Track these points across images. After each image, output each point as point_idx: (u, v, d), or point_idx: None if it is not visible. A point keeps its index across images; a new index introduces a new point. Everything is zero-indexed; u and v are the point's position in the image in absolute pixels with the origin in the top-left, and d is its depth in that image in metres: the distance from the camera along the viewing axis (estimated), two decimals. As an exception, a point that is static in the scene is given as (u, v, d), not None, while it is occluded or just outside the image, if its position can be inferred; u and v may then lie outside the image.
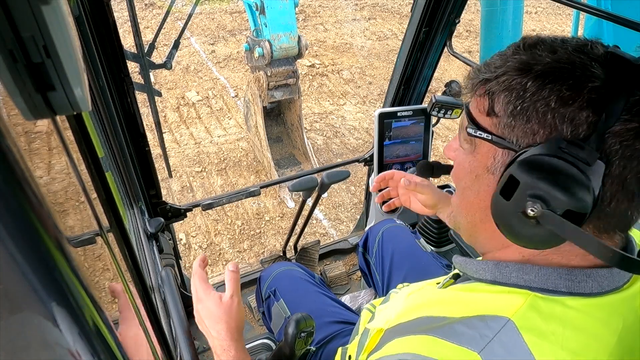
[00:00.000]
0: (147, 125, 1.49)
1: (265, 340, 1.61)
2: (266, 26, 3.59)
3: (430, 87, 1.83)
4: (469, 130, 0.59)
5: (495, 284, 0.59)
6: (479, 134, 0.57)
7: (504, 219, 0.54)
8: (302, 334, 0.92)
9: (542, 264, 0.56)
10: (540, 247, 0.55)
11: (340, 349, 0.98)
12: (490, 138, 0.56)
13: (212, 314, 0.86)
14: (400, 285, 1.02)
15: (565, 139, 0.50)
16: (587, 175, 0.48)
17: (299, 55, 3.83)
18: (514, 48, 0.57)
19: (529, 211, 0.50)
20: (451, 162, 0.71)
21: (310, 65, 6.27)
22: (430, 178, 1.21)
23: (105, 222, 0.40)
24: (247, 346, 1.58)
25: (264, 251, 3.39)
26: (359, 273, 2.11)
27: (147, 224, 1.43)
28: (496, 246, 0.62)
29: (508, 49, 0.58)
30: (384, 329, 0.69)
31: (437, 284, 0.77)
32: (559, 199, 0.48)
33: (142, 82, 2.81)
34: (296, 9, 3.77)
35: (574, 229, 0.49)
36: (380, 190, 1.23)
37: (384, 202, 1.18)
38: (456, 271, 0.74)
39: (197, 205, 1.71)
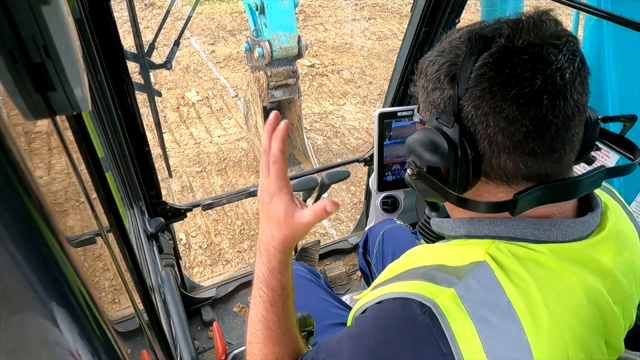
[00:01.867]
0: (147, 125, 1.49)
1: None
2: (266, 26, 3.59)
3: (430, 87, 1.83)
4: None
5: (469, 238, 0.63)
6: (415, 118, 0.68)
7: (406, 179, 0.65)
8: (303, 333, 0.91)
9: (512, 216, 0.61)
10: (431, 198, 0.65)
11: None
12: (418, 120, 0.66)
13: (276, 218, 0.73)
14: None
15: (441, 111, 0.59)
16: (448, 135, 0.57)
17: (299, 55, 3.83)
18: None
19: (408, 171, 0.64)
20: None
21: (310, 65, 6.27)
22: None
23: (105, 222, 0.40)
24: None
25: (264, 251, 3.39)
26: (359, 273, 2.11)
27: (147, 224, 1.43)
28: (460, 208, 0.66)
29: None
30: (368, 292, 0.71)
31: None
32: (422, 158, 0.60)
33: (142, 82, 2.81)
34: (296, 9, 3.76)
35: (431, 181, 0.60)
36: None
37: (384, 203, 1.17)
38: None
39: (197, 205, 1.71)
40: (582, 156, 0.62)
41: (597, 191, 0.66)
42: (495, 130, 0.54)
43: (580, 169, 0.91)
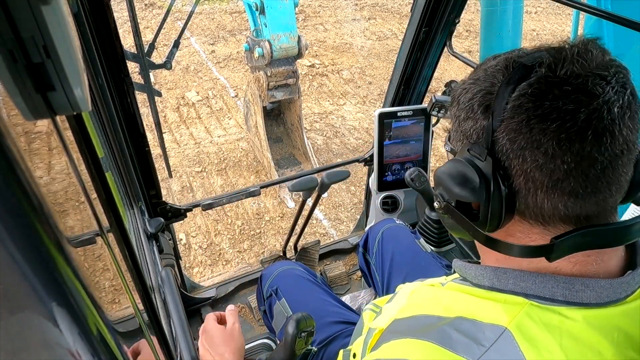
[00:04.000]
0: (147, 125, 1.49)
1: (265, 340, 1.61)
2: (266, 26, 3.59)
3: (430, 87, 1.83)
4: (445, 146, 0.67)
5: (492, 290, 0.58)
6: (446, 147, 0.65)
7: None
8: (303, 334, 0.92)
9: (541, 271, 0.56)
10: (460, 235, 0.62)
11: (341, 352, 0.98)
12: (449, 149, 0.63)
13: (216, 340, 0.98)
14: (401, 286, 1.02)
15: (473, 142, 0.56)
16: (480, 169, 0.53)
17: (299, 55, 3.82)
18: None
19: (435, 204, 0.61)
20: None
21: (310, 65, 6.27)
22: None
23: (105, 222, 0.40)
24: (247, 346, 1.58)
25: (264, 251, 3.39)
26: (359, 273, 2.10)
27: (147, 224, 1.43)
28: (488, 252, 0.63)
29: None
30: (384, 328, 0.69)
31: (442, 284, 0.77)
32: (451, 192, 0.56)
33: (142, 82, 2.81)
34: (296, 9, 3.76)
35: (459, 216, 0.57)
36: None
37: (384, 203, 1.17)
38: None
39: (197, 205, 1.71)
40: (630, 196, 0.55)
41: None
42: (532, 166, 0.51)
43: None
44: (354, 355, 0.89)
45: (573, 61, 0.50)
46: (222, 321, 1.05)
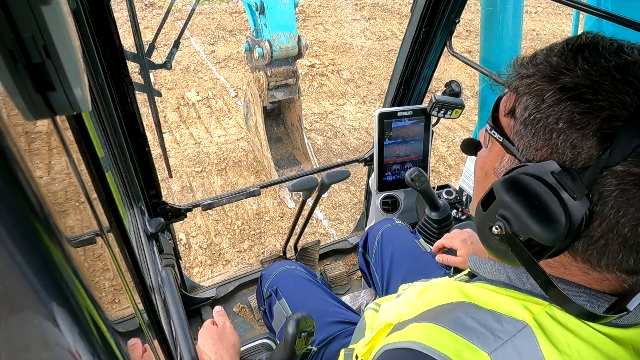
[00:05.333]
0: (147, 125, 1.49)
1: (265, 340, 1.61)
2: (266, 26, 3.59)
3: (430, 87, 1.83)
4: (487, 125, 0.56)
5: (508, 288, 0.55)
6: (493, 132, 0.55)
7: (478, 225, 0.53)
8: (303, 334, 0.92)
9: (564, 278, 0.53)
10: (508, 263, 0.53)
11: (343, 351, 0.98)
12: (501, 140, 0.54)
13: (210, 338, 1.02)
14: (405, 286, 1.02)
15: (561, 165, 0.46)
16: (568, 208, 0.45)
17: (299, 55, 3.82)
18: (562, 45, 0.50)
19: (494, 229, 0.49)
20: None
21: (310, 65, 6.27)
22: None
23: (105, 222, 0.40)
24: (247, 346, 1.58)
25: (264, 251, 3.39)
26: (359, 273, 2.11)
27: (147, 224, 1.43)
28: None
29: (560, 44, 0.51)
30: (394, 323, 0.67)
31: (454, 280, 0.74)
32: (525, 226, 0.46)
33: (142, 82, 2.81)
34: (296, 9, 3.76)
35: (528, 259, 0.48)
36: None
37: (384, 203, 1.16)
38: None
39: (197, 205, 1.71)
40: None
41: None
42: (630, 223, 0.44)
43: None
44: (357, 357, 0.88)
45: None
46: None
